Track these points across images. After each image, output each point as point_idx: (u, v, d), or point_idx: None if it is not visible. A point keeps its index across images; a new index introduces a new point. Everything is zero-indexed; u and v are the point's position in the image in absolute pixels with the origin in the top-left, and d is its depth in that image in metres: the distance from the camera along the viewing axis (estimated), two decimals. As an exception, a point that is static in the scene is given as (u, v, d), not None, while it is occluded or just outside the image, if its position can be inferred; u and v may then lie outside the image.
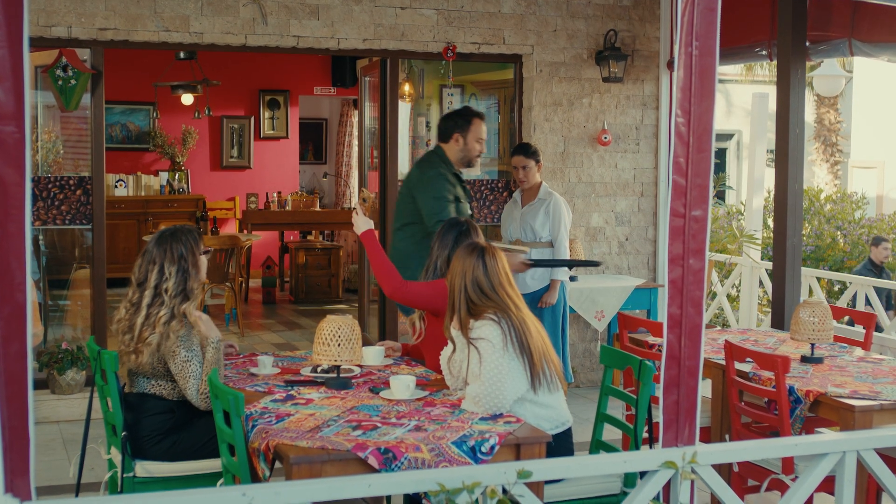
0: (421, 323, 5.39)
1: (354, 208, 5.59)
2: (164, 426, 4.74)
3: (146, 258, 4.83)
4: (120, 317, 4.85)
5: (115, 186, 14.07)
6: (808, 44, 7.43)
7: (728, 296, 10.48)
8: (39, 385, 7.75)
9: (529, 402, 4.41)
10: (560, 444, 4.41)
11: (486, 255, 4.57)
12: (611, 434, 5.25)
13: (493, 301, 4.48)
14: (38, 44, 7.58)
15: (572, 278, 8.19)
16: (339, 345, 4.62)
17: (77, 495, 5.01)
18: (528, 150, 7.63)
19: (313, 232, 14.69)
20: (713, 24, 3.61)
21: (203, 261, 4.91)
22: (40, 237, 8.36)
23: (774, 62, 7.83)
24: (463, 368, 4.56)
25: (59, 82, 7.79)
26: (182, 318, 4.72)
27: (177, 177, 14.64)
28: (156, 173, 14.67)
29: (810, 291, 9.60)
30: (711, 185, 3.68)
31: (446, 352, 4.66)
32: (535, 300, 7.43)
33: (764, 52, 8.06)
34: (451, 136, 6.75)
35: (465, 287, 4.51)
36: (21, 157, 2.83)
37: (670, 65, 9.09)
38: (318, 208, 14.87)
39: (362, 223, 5.48)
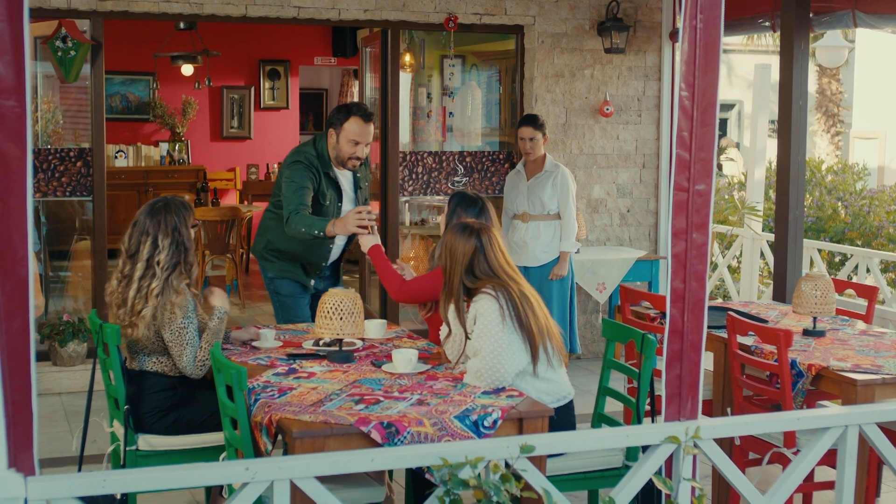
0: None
1: (367, 227, 5.43)
2: (166, 403, 4.73)
3: (137, 229, 4.75)
4: (112, 289, 4.82)
5: (115, 157, 14.03)
6: (811, 15, 7.38)
7: (729, 267, 10.47)
8: (41, 357, 7.75)
9: (530, 376, 4.40)
10: (561, 417, 4.41)
11: (482, 236, 4.51)
12: (612, 406, 5.26)
13: (487, 277, 4.45)
14: (38, 14, 7.54)
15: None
16: (341, 318, 4.62)
17: (80, 468, 5.02)
18: (535, 122, 7.59)
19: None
20: (718, -3, 3.58)
21: (192, 235, 4.86)
22: (40, 208, 8.34)
23: (777, 33, 7.78)
24: (456, 351, 4.55)
25: (59, 53, 7.75)
26: (176, 290, 4.68)
27: (177, 147, 14.59)
28: (156, 144, 14.63)
29: (811, 263, 9.59)
30: (715, 158, 3.66)
31: (444, 331, 4.65)
32: (545, 273, 7.44)
33: (767, 24, 8.01)
34: (329, 129, 5.95)
35: (462, 271, 4.47)
36: (22, 131, 2.81)
37: (673, 36, 9.04)
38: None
39: (369, 240, 5.40)
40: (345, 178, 6.05)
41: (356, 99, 14.70)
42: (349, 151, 5.85)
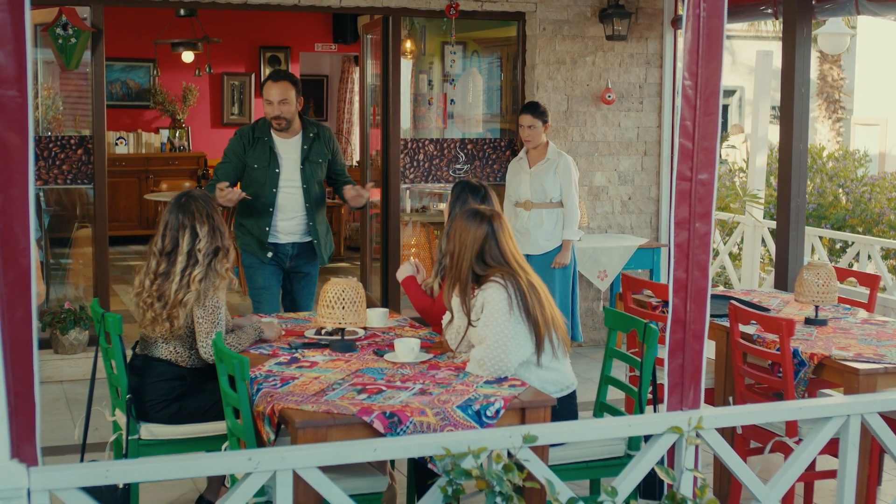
0: (439, 287, 5.33)
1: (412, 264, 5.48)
2: (173, 393, 4.73)
3: (170, 227, 4.76)
4: (144, 289, 4.77)
5: (116, 144, 14.03)
6: (813, 2, 7.36)
7: (730, 254, 10.47)
8: (42, 345, 7.76)
9: (534, 366, 4.40)
10: (564, 408, 4.41)
11: (494, 222, 4.50)
12: (613, 394, 5.25)
13: (498, 264, 4.45)
14: (38, 2, 7.51)
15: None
16: (343, 308, 4.61)
17: (83, 457, 5.02)
18: (535, 110, 7.54)
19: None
20: (721, -14, 3.57)
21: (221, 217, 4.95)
22: (41, 195, 8.33)
23: (779, 20, 7.76)
24: (457, 338, 4.54)
25: (60, 41, 7.73)
26: (220, 273, 4.73)
27: (177, 134, 14.58)
28: (156, 131, 14.61)
29: (812, 250, 9.59)
30: (718, 148, 3.65)
31: (446, 318, 4.64)
32: (548, 261, 7.44)
33: (769, 11, 7.98)
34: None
35: (472, 258, 4.45)
36: (23, 120, 2.80)
37: (675, 23, 9.02)
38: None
39: (404, 270, 5.36)
40: (284, 146, 6.40)
41: (357, 86, 14.68)
42: (269, 112, 6.33)
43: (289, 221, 6.43)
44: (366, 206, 6.79)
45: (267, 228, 6.39)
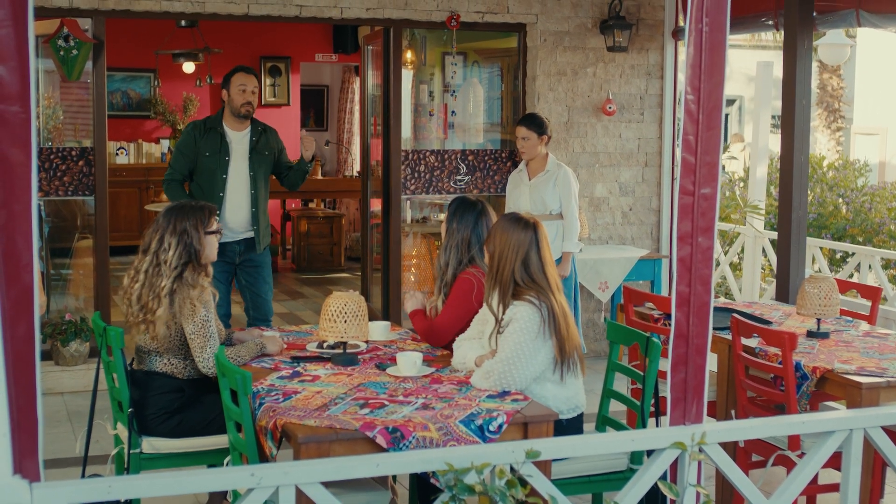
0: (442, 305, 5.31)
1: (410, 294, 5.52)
2: (173, 405, 4.73)
3: (153, 226, 4.84)
4: (125, 285, 4.83)
5: (116, 154, 14.03)
6: (814, 14, 7.36)
7: (730, 264, 10.46)
8: (43, 356, 7.69)
9: (551, 383, 4.41)
10: (571, 427, 4.42)
11: (537, 231, 4.51)
12: (613, 403, 5.24)
13: (537, 284, 4.44)
14: (40, 13, 7.51)
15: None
16: (345, 321, 4.61)
17: (84, 471, 5.01)
18: (531, 122, 7.52)
19: (315, 200, 14.65)
20: (723, 0, 3.57)
21: (210, 241, 4.85)
22: (41, 206, 8.32)
23: (780, 31, 7.76)
24: (468, 354, 4.58)
25: (61, 53, 7.73)
26: (192, 284, 4.69)
27: (178, 144, 14.56)
28: (157, 141, 14.61)
29: (813, 260, 9.59)
30: (721, 161, 3.65)
31: (461, 338, 4.68)
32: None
33: (770, 23, 8.00)
34: (222, 91, 7.01)
35: (515, 265, 4.45)
36: (27, 136, 2.79)
37: (675, 34, 9.03)
38: (319, 176, 14.81)
39: (413, 303, 5.36)
40: (235, 136, 6.96)
41: (357, 96, 14.70)
42: (240, 98, 6.88)
43: (236, 212, 6.90)
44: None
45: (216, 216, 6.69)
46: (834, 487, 5.05)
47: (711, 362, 5.20)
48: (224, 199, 6.87)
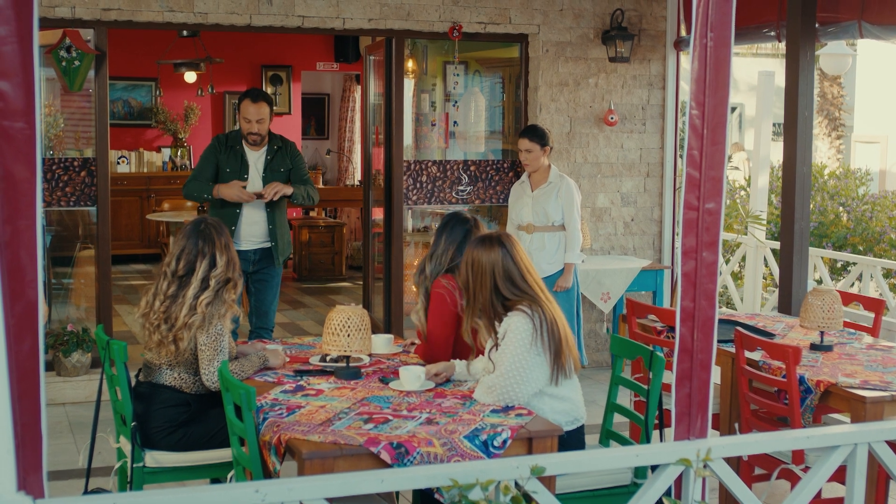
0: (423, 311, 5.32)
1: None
2: (178, 419, 4.72)
3: (187, 251, 4.79)
4: (152, 310, 4.78)
5: (118, 163, 14.03)
6: (817, 25, 7.36)
7: (732, 273, 10.46)
8: (45, 367, 7.71)
9: (548, 396, 4.40)
10: (572, 439, 4.41)
11: (506, 243, 4.48)
12: (616, 416, 5.23)
13: (524, 292, 4.42)
14: (42, 24, 7.49)
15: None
16: (348, 335, 4.60)
17: (87, 485, 4.99)
18: (534, 134, 7.51)
19: (316, 209, 14.65)
20: (728, 15, 3.56)
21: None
22: (44, 216, 8.31)
23: (783, 42, 7.76)
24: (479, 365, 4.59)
25: (63, 63, 7.73)
26: (226, 301, 4.75)
27: (179, 153, 14.58)
28: (158, 150, 14.62)
29: (814, 269, 9.58)
30: (725, 177, 3.65)
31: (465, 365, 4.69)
32: (550, 284, 7.42)
33: (772, 34, 7.99)
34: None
35: (496, 283, 4.42)
36: (31, 152, 2.79)
37: (677, 44, 9.04)
38: (320, 185, 14.82)
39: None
40: (253, 156, 7.18)
41: (358, 105, 14.71)
42: (245, 128, 7.09)
43: (252, 226, 7.11)
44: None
45: (233, 228, 6.98)
46: (838, 501, 5.04)
47: (715, 375, 5.21)
48: (240, 215, 7.07)
